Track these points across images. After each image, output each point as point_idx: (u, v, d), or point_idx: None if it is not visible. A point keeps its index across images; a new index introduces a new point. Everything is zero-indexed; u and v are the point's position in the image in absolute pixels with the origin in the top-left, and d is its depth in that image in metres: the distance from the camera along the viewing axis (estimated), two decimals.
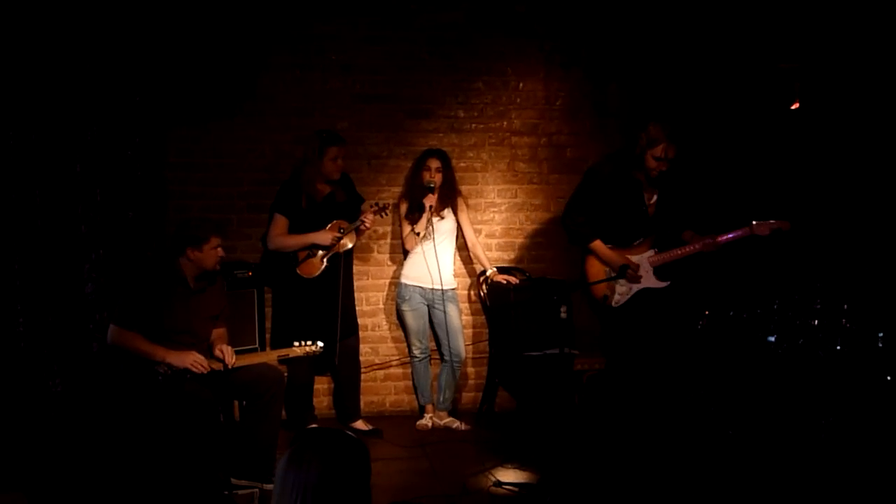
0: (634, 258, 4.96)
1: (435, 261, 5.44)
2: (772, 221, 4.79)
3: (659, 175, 4.84)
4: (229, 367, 4.31)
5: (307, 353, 4.69)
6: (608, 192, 4.98)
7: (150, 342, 4.21)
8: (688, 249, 4.90)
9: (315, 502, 1.85)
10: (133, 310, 4.24)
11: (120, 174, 5.14)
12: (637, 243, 5.02)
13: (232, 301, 4.86)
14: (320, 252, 5.23)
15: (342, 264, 5.25)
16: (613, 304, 4.99)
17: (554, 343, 5.25)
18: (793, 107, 5.74)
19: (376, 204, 5.32)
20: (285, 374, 4.91)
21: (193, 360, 4.18)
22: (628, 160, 4.91)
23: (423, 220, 5.45)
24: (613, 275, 4.87)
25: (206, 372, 4.21)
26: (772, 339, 4.93)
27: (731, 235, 4.86)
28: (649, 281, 4.97)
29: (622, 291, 4.99)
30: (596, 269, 5.05)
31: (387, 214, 5.42)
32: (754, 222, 4.80)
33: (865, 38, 5.35)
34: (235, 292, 5.28)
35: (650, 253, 4.98)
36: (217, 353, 4.35)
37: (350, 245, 5.35)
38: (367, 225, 5.28)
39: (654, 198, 5.01)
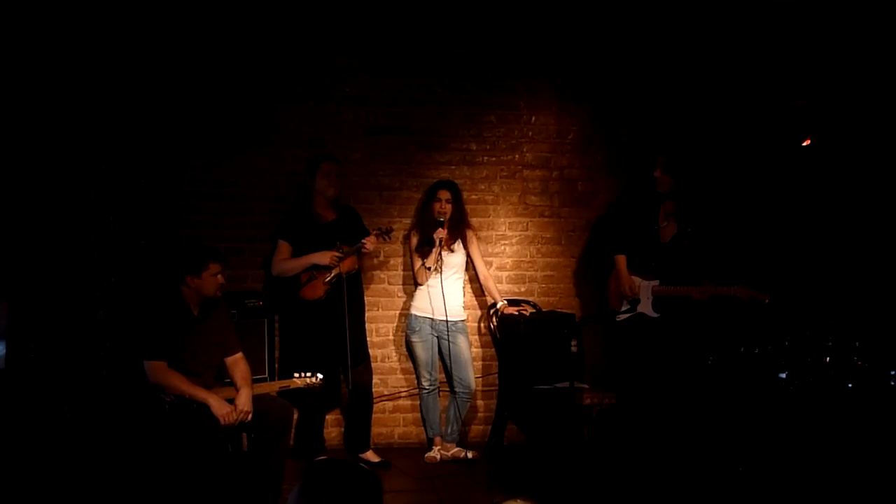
0: (641, 283, 5.34)
1: (443, 294, 5.43)
2: (754, 292, 4.98)
3: (673, 198, 5.35)
4: (244, 421, 4.31)
5: (307, 384, 4.70)
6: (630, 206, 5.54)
7: (191, 383, 4.22)
8: (683, 290, 5.20)
9: None
10: (156, 340, 4.25)
11: (133, 202, 5.16)
12: (652, 274, 5.32)
13: (242, 330, 4.86)
14: (323, 275, 5.22)
15: (345, 288, 5.21)
16: (617, 317, 5.38)
17: (564, 377, 5.23)
18: (804, 144, 5.76)
19: (379, 228, 5.32)
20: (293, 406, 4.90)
21: (226, 413, 4.18)
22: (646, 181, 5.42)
23: (434, 254, 5.45)
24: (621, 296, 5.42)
25: (233, 424, 4.22)
26: (783, 375, 4.91)
27: (718, 292, 5.10)
28: (646, 307, 5.33)
29: (626, 308, 5.41)
30: (614, 287, 5.53)
31: (389, 238, 5.42)
32: (738, 286, 5.02)
33: (876, 76, 5.37)
34: (246, 322, 5.29)
35: (656, 282, 5.29)
36: (236, 406, 4.31)
37: (354, 269, 5.32)
38: (369, 248, 5.26)
39: (673, 230, 5.34)
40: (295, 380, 4.69)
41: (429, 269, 5.46)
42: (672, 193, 5.35)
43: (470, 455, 5.53)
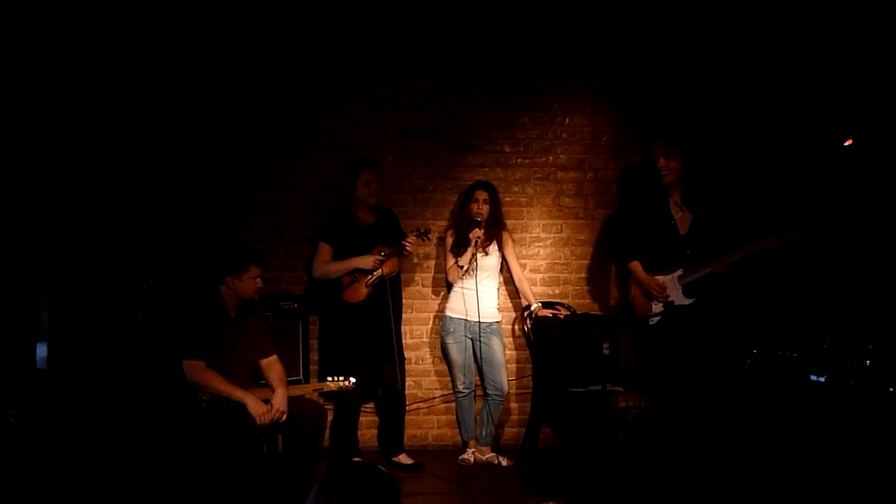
0: (665, 278, 5.28)
1: (474, 294, 5.44)
2: (783, 235, 4.98)
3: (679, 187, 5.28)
4: (279, 421, 4.35)
5: (340, 387, 4.77)
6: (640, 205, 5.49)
7: (228, 383, 4.28)
8: (703, 270, 5.14)
9: None
10: (195, 340, 4.31)
11: (171, 206, 5.25)
12: (675, 265, 5.28)
13: (277, 332, 4.91)
14: (364, 277, 5.26)
15: (388, 290, 5.25)
16: (650, 319, 5.24)
17: (597, 379, 5.20)
18: (846, 143, 5.66)
19: (418, 229, 5.36)
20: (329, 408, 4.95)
21: (262, 413, 4.24)
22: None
23: (468, 254, 5.45)
24: (648, 298, 5.33)
25: (268, 424, 4.27)
26: (821, 378, 4.83)
27: (739, 254, 5.06)
28: (677, 297, 5.25)
29: (656, 309, 5.31)
30: (638, 294, 5.43)
31: (428, 239, 5.46)
32: (765, 238, 5.00)
33: None
34: (280, 324, 5.34)
35: (679, 272, 5.24)
36: (272, 405, 4.36)
37: (395, 270, 5.38)
38: (409, 249, 5.31)
39: (688, 219, 5.29)
40: (328, 382, 4.77)
41: (461, 268, 5.46)
42: (678, 182, 5.27)
43: (504, 462, 5.51)
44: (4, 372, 4.78)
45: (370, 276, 5.23)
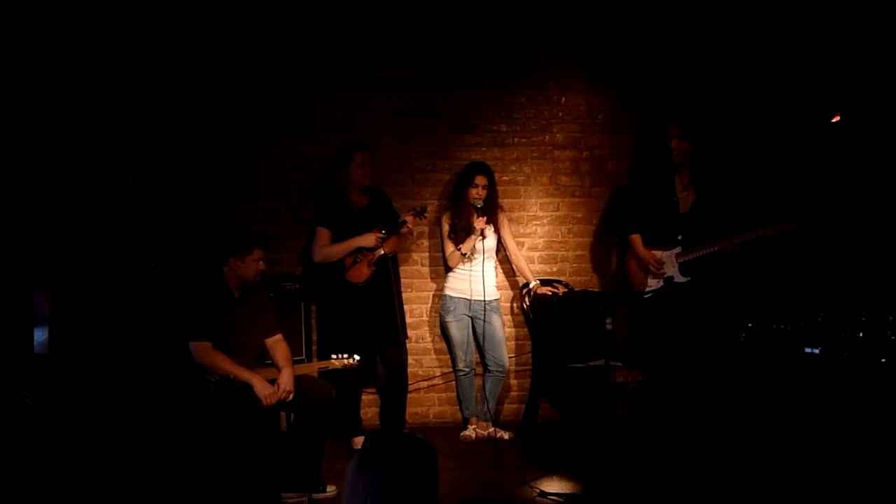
0: (662, 254, 5.41)
1: (479, 275, 5.51)
2: (783, 225, 5.12)
3: (687, 167, 5.40)
4: (286, 400, 4.39)
5: (345, 365, 4.79)
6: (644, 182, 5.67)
7: (235, 364, 4.31)
8: (708, 248, 5.25)
9: (384, 502, 1.91)
10: (201, 321, 4.34)
11: (170, 189, 5.24)
12: (672, 244, 5.40)
13: (279, 313, 4.93)
14: (367, 257, 5.28)
15: (391, 267, 5.30)
16: (644, 294, 5.38)
17: (597, 355, 5.26)
18: (834, 119, 5.72)
19: (413, 208, 5.40)
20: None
21: (269, 394, 4.27)
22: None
23: (471, 242, 5.48)
24: (644, 272, 5.48)
25: (272, 405, 4.30)
26: (815, 350, 4.91)
27: (746, 237, 5.17)
28: (673, 274, 5.38)
29: (652, 284, 5.43)
30: (635, 267, 5.56)
31: (425, 217, 5.51)
32: (765, 225, 5.13)
33: None
34: (283, 304, 5.36)
35: (677, 249, 5.36)
36: (278, 385, 4.39)
37: (396, 249, 5.43)
38: (409, 226, 5.35)
39: (692, 198, 5.39)
40: (333, 361, 4.78)
41: (465, 255, 5.50)
42: (687, 163, 5.39)
43: (506, 436, 5.59)
44: (6, 357, 4.78)
45: (372, 255, 5.26)
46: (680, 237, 5.39)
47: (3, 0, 4.62)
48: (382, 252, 5.25)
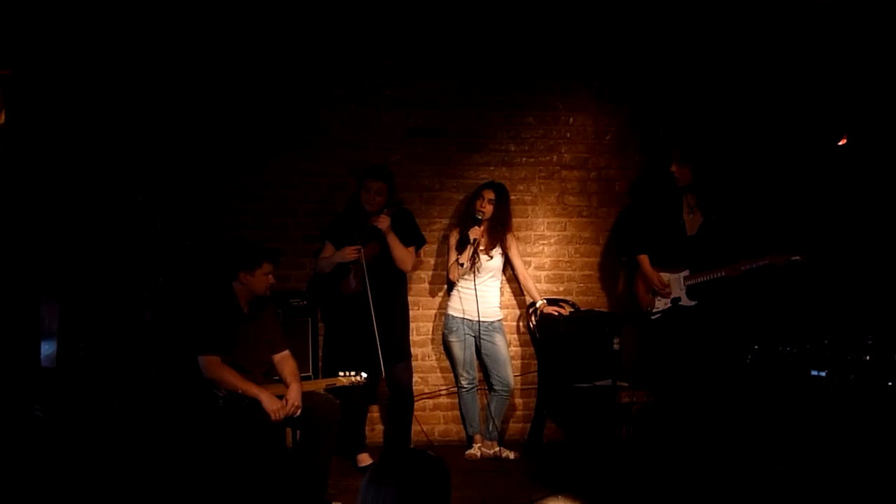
0: (669, 276, 5.43)
1: (476, 296, 5.50)
2: (790, 255, 5.05)
3: (694, 190, 5.39)
4: (293, 416, 4.39)
5: (352, 382, 4.78)
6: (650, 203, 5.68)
7: (244, 379, 4.33)
8: (715, 274, 5.24)
9: None
10: (210, 335, 4.36)
11: (180, 204, 5.27)
12: (678, 266, 5.41)
13: (287, 329, 4.95)
14: (352, 270, 5.21)
15: (366, 275, 5.12)
16: (652, 315, 5.43)
17: (603, 375, 5.28)
18: (840, 143, 5.76)
19: (388, 205, 5.27)
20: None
21: (276, 409, 4.27)
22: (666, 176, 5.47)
23: (467, 252, 5.49)
24: (651, 293, 5.51)
25: (279, 420, 4.30)
26: (821, 373, 4.91)
27: (752, 264, 5.14)
28: (681, 297, 5.39)
29: (659, 305, 5.46)
30: (642, 287, 5.61)
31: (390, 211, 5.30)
32: (772, 254, 5.10)
33: None
34: (290, 321, 5.38)
35: (685, 272, 5.34)
36: (287, 400, 4.39)
37: (376, 252, 5.23)
38: (381, 225, 5.17)
39: (699, 221, 5.39)
40: (340, 378, 4.77)
41: (461, 265, 5.49)
42: (693, 187, 5.39)
43: (512, 455, 5.59)
44: (13, 371, 4.80)
45: (357, 268, 5.17)
46: (683, 257, 5.40)
47: (40, 20, 4.70)
48: (361, 261, 5.14)
